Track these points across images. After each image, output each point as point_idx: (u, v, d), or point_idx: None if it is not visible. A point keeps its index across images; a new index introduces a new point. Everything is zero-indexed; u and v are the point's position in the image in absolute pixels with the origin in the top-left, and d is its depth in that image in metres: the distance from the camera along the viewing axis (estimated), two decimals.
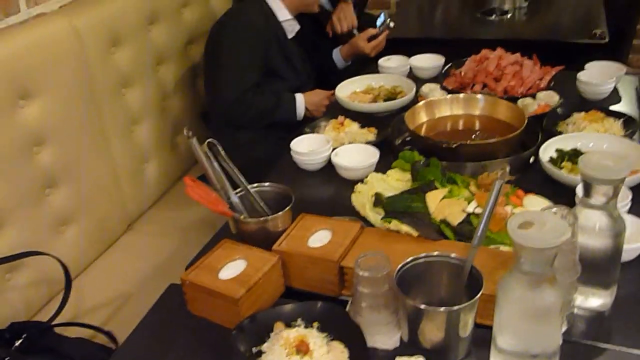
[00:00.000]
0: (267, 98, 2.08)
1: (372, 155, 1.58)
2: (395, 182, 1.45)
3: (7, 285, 1.56)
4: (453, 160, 1.51)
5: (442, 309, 0.96)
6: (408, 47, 2.30)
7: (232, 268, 1.14)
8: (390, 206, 1.32)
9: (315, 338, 1.01)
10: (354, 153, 1.62)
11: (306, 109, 2.14)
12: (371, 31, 2.42)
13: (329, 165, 1.62)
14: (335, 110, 1.94)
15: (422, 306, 0.97)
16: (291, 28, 2.19)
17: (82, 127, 1.78)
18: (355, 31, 2.47)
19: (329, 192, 1.58)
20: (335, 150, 1.62)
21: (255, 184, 1.33)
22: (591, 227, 1.06)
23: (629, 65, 2.83)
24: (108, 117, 1.91)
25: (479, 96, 1.73)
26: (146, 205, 2.12)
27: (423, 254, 1.03)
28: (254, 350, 1.02)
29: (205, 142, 1.26)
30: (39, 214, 1.67)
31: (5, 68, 1.55)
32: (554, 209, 0.99)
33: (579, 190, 1.07)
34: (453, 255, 1.03)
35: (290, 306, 1.08)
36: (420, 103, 1.73)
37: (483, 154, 1.53)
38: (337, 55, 2.51)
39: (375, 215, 1.31)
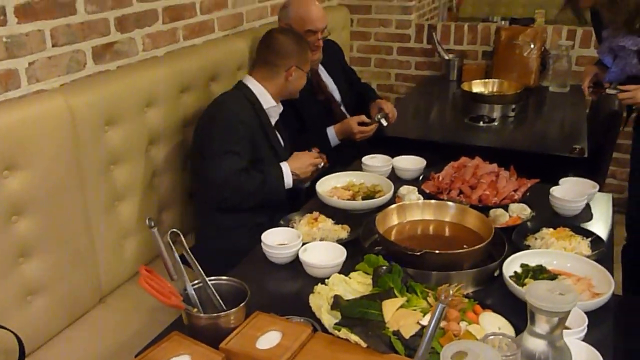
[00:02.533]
0: (253, 176, 2.11)
1: (340, 254, 1.61)
2: (357, 285, 1.47)
3: None
4: (418, 267, 1.53)
5: None
6: (394, 145, 2.38)
7: None
8: (347, 310, 1.33)
9: None
10: (323, 251, 1.64)
11: (294, 174, 2.18)
12: (364, 118, 2.62)
13: (298, 260, 1.64)
14: (313, 204, 1.98)
15: None
16: (275, 113, 2.29)
17: (64, 200, 1.82)
18: (383, 120, 2.64)
19: (295, 287, 1.60)
20: (304, 246, 1.65)
21: (214, 277, 1.35)
22: (534, 356, 1.06)
23: (605, 183, 2.89)
24: (92, 192, 1.95)
25: (450, 204, 1.77)
26: (121, 280, 2.13)
27: None
28: None
29: (169, 232, 1.29)
30: (10, 282, 1.68)
31: None
32: (494, 337, 1.00)
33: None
34: None
35: None
36: (392, 206, 1.77)
37: (448, 263, 1.55)
38: (332, 132, 2.65)
39: (329, 319, 1.32)
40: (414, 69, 3.98)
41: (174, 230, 1.30)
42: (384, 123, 2.63)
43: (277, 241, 1.69)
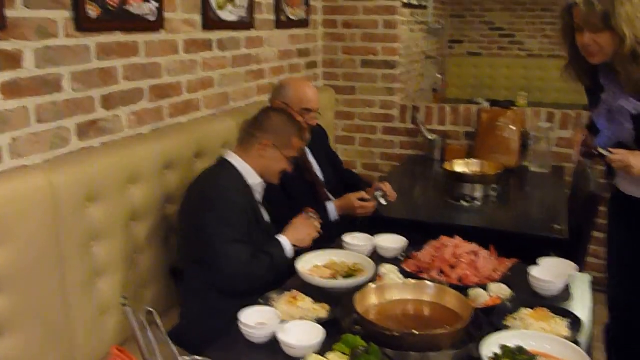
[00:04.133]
0: (262, 259, 2.07)
1: (318, 335, 1.59)
2: None
3: None
4: (397, 348, 1.51)
5: None
6: (376, 224, 2.40)
7: None
8: None
9: None
10: (302, 330, 1.62)
11: (295, 245, 2.17)
12: (364, 194, 2.69)
13: (277, 340, 1.61)
14: (294, 282, 1.97)
15: None
16: (260, 189, 2.28)
17: (41, 276, 1.81)
18: (382, 199, 2.68)
19: None
20: (283, 326, 1.63)
21: (187, 358, 1.33)
22: None
23: (587, 262, 2.90)
24: (71, 268, 1.93)
25: (429, 283, 1.77)
26: (99, 358, 2.08)
27: None
28: None
29: (144, 311, 1.28)
30: None
31: None
32: None
33: None
34: None
35: None
36: (371, 285, 1.76)
37: (427, 345, 1.53)
38: (332, 207, 2.69)
39: None
40: (399, 149, 4.05)
41: (149, 309, 1.29)
42: (383, 202, 2.66)
43: (256, 320, 1.67)
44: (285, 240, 2.17)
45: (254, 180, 2.24)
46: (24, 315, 1.76)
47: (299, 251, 2.16)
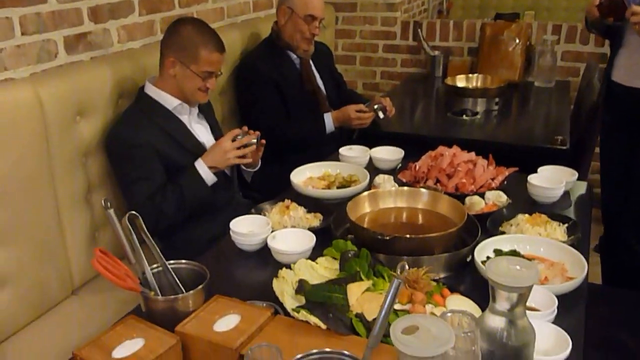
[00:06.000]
0: (168, 194, 1.98)
1: (309, 241, 1.57)
2: (323, 270, 1.44)
3: None
4: (389, 253, 1.50)
5: None
6: (374, 139, 2.36)
7: (127, 347, 1.11)
8: (311, 295, 1.30)
9: None
10: (292, 238, 1.61)
11: (213, 167, 2.04)
12: (362, 107, 2.65)
13: (267, 248, 1.60)
14: (288, 194, 1.95)
15: None
16: (186, 110, 2.13)
17: (34, 191, 1.79)
18: (380, 113, 2.65)
19: (262, 275, 1.55)
20: (273, 233, 1.62)
21: (173, 261, 1.32)
22: (494, 334, 1.03)
23: (589, 179, 2.88)
24: (64, 183, 1.91)
25: (423, 190, 1.74)
26: (94, 273, 2.09)
27: (315, 351, 1.00)
28: None
29: (127, 215, 1.26)
30: None
31: None
32: (452, 314, 0.96)
33: None
34: (347, 353, 1.00)
35: None
36: (364, 193, 1.74)
37: (419, 249, 1.51)
38: (329, 118, 2.66)
39: (292, 303, 1.29)
40: (400, 67, 3.96)
41: (133, 212, 1.27)
42: (381, 115, 2.62)
43: (247, 229, 1.66)
44: (199, 164, 2.03)
45: (173, 104, 2.07)
46: (18, 231, 1.75)
47: (287, 166, 2.10)
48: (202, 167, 2.03)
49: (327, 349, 1.00)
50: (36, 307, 1.85)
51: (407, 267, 1.04)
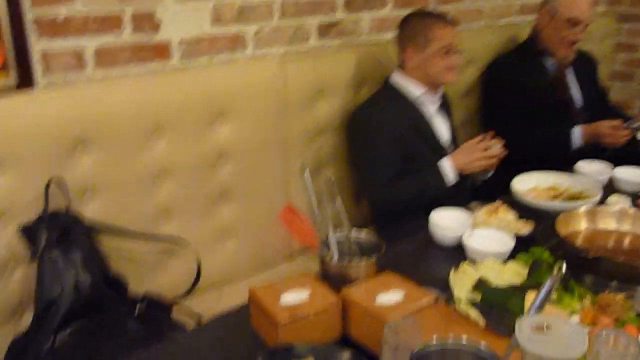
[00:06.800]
0: (408, 183, 2.02)
1: (506, 244, 1.49)
2: (510, 274, 1.35)
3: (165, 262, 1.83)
4: (593, 273, 1.35)
5: None
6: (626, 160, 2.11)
7: (294, 296, 1.19)
8: (489, 294, 1.24)
9: None
10: (489, 238, 1.54)
11: (459, 169, 2.03)
12: (617, 123, 2.42)
13: (461, 247, 1.55)
14: (506, 199, 1.85)
15: None
16: (429, 100, 2.13)
17: (265, 157, 2.00)
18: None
19: (446, 267, 1.47)
20: (472, 231, 1.57)
21: (354, 229, 1.37)
22: None
23: None
24: (294, 155, 2.08)
25: None
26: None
27: (452, 338, 0.96)
28: None
29: (326, 180, 1.35)
30: (209, 222, 1.92)
31: (213, 91, 1.85)
32: (611, 333, 0.85)
33: None
34: (484, 346, 0.94)
35: (323, 346, 1.09)
36: (582, 208, 1.58)
37: (629, 275, 1.33)
38: (578, 132, 2.48)
39: (464, 296, 1.24)
40: None
41: (331, 178, 1.36)
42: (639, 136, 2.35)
43: (446, 222, 1.63)
44: (447, 162, 2.03)
45: (417, 91, 2.11)
46: (246, 190, 1.97)
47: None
48: (448, 167, 2.04)
49: (464, 338, 0.95)
50: (256, 264, 2.06)
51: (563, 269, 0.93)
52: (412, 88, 2.11)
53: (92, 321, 1.50)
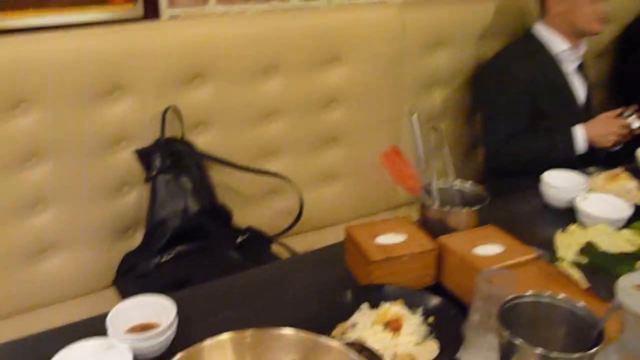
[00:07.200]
0: (534, 142, 1.93)
1: (623, 211, 1.39)
2: (623, 242, 1.26)
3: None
4: None
5: (539, 350, 0.84)
6: None
7: (391, 238, 1.18)
8: (598, 258, 1.18)
9: (412, 325, 1.00)
10: (604, 204, 1.44)
11: (591, 141, 1.92)
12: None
13: (572, 209, 1.46)
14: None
15: (517, 341, 0.86)
16: (569, 58, 2.00)
17: (377, 101, 1.98)
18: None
19: (551, 230, 1.42)
20: (586, 194, 1.47)
21: (459, 179, 1.32)
22: None
23: None
24: (406, 103, 2.02)
25: None
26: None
27: (547, 293, 0.91)
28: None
29: (433, 125, 1.32)
30: (315, 164, 1.94)
31: (330, 33, 1.85)
32: None
33: None
34: (581, 305, 0.88)
35: (413, 291, 1.08)
36: None
37: None
38: None
39: (567, 256, 1.17)
40: None
41: (440, 127, 1.32)
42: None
43: (560, 182, 1.54)
44: (580, 131, 1.91)
45: (559, 47, 1.98)
46: (353, 132, 1.96)
47: None
48: (580, 135, 1.93)
49: (561, 294, 0.90)
50: (357, 210, 2.06)
51: None
52: (556, 42, 2.00)
53: (196, 245, 1.58)
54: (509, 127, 1.94)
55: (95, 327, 1.01)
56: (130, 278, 1.56)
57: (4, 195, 1.48)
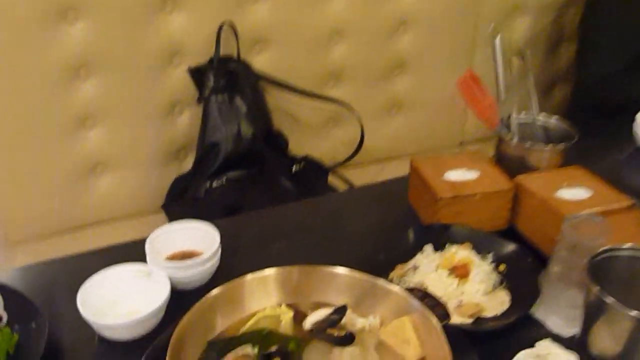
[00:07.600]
0: None
1: None
2: None
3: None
4: None
5: (634, 312, 0.71)
6: None
7: (462, 174, 1.06)
8: None
9: (481, 272, 0.88)
10: None
11: None
12: None
13: None
14: None
15: (609, 300, 0.73)
16: None
17: (453, 24, 1.81)
18: None
19: None
20: None
21: (544, 114, 1.17)
22: None
23: None
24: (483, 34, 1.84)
25: None
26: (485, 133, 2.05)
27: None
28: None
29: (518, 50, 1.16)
30: (379, 94, 1.80)
31: None
32: None
33: None
34: None
35: (484, 234, 0.96)
36: None
37: None
38: None
39: None
40: None
41: (525, 52, 1.16)
42: None
43: None
44: None
45: None
46: (427, 58, 1.79)
47: None
48: None
49: None
50: (423, 144, 1.91)
51: None
52: None
53: (249, 172, 1.49)
54: (618, 58, 1.72)
55: (139, 251, 0.94)
56: (180, 203, 1.50)
57: (52, 112, 1.42)
